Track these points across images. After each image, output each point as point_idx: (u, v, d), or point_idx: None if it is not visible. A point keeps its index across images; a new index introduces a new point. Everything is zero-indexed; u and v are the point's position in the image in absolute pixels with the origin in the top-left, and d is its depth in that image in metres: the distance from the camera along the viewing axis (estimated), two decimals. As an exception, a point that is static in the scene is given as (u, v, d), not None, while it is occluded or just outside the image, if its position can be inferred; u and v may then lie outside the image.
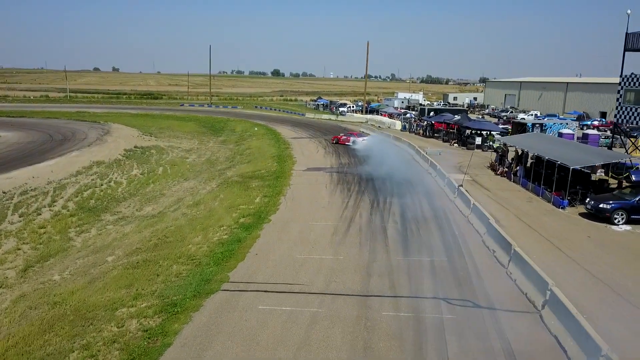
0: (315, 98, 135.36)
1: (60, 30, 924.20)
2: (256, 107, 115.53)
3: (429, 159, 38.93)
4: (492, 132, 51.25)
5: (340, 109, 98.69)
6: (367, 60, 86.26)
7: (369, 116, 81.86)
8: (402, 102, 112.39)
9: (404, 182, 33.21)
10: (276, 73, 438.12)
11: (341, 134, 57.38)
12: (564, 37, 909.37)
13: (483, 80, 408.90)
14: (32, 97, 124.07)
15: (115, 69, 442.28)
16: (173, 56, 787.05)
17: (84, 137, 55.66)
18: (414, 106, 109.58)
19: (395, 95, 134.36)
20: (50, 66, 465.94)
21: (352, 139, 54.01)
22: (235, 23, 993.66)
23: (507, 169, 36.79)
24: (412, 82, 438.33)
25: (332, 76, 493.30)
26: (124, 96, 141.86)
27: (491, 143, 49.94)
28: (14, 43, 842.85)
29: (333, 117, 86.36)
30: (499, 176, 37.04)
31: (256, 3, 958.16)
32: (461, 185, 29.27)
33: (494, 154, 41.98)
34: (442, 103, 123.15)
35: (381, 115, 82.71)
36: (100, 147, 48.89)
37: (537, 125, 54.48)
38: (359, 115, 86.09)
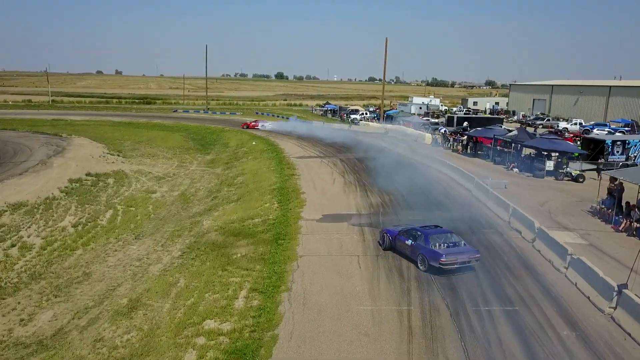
0: (322, 103, 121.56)
1: (65, 34, 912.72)
2: (257, 113, 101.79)
3: (510, 206, 24.90)
4: (566, 153, 37.29)
5: (352, 117, 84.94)
6: (385, 61, 72.57)
7: (388, 126, 67.96)
8: (420, 107, 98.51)
9: (495, 259, 19.46)
10: (280, 76, 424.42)
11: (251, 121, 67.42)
12: (572, 40, 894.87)
13: (489, 83, 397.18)
14: (10, 102, 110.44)
15: (118, 72, 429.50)
16: (177, 59, 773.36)
17: (24, 159, 41.83)
18: (433, 112, 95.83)
19: (409, 100, 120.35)
20: (53, 69, 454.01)
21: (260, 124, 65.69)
22: (239, 25, 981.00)
23: (638, 224, 22.89)
24: (418, 84, 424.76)
25: (335, 79, 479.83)
26: (115, 100, 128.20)
27: (568, 169, 36.15)
28: (18, 46, 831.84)
29: (345, 126, 72.46)
30: (624, 234, 23.23)
31: (259, 5, 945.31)
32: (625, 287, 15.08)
33: (588, 188, 28.07)
34: (462, 109, 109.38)
35: (402, 125, 68.82)
36: (36, 176, 35.03)
37: (619, 142, 40.55)
38: (375, 124, 72.15)
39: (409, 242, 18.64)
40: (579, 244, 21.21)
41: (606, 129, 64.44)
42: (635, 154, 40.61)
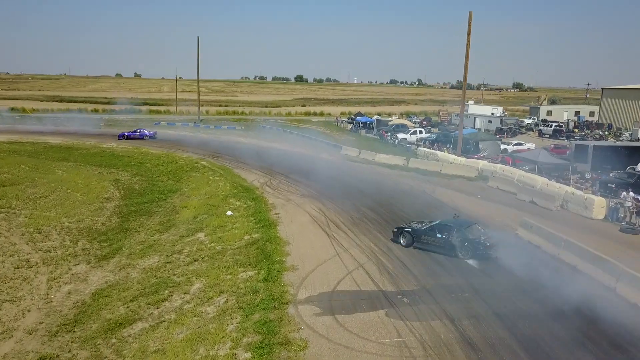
0: (351, 113, 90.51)
1: (87, 37, 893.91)
2: (264, 127, 71.35)
3: None
4: None
5: (400, 136, 53.75)
6: (466, 62, 41.03)
7: (483, 164, 36.45)
8: (490, 121, 66.87)
9: None
10: (299, 79, 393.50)
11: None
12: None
13: (517, 86, 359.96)
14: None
15: (137, 75, 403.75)
16: (195, 61, 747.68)
17: None
18: (509, 127, 64.09)
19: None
20: (75, 72, 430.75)
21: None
22: (259, 28, 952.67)
23: None
24: (442, 87, 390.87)
25: (356, 81, 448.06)
26: (100, 109, 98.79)
27: None
28: (40, 50, 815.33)
29: (397, 159, 41.32)
30: None
31: (280, 8, 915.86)
32: None
33: None
34: (533, 119, 77.43)
35: (496, 158, 37.46)
36: None
37: None
38: (452, 156, 40.52)
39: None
40: None
41: None
42: None
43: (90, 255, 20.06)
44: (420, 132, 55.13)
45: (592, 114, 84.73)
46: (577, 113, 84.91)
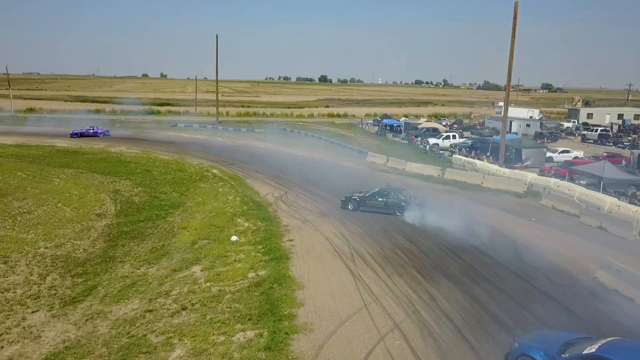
0: (376, 116, 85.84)
1: (116, 38, 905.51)
2: (284, 129, 67.23)
3: None
4: None
5: (431, 141, 48.85)
6: (511, 60, 35.94)
7: (532, 176, 31.25)
8: (528, 125, 61.42)
9: None
10: (323, 79, 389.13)
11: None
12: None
13: (546, 87, 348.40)
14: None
15: (163, 75, 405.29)
16: (220, 62, 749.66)
17: None
18: (550, 132, 58.58)
19: (494, 109, 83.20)
20: (102, 73, 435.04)
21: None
22: (284, 28, 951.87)
23: None
24: (468, 88, 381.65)
25: (380, 82, 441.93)
26: (119, 110, 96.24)
27: None
28: (71, 51, 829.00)
29: (430, 168, 36.57)
30: None
31: (305, 8, 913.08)
32: None
33: None
34: (573, 122, 71.52)
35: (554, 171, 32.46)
36: None
37: None
38: (493, 166, 35.48)
39: None
40: None
41: None
42: None
43: (57, 296, 16.01)
44: (454, 136, 50.10)
45: (637, 116, 78.28)
46: (620, 116, 78.45)
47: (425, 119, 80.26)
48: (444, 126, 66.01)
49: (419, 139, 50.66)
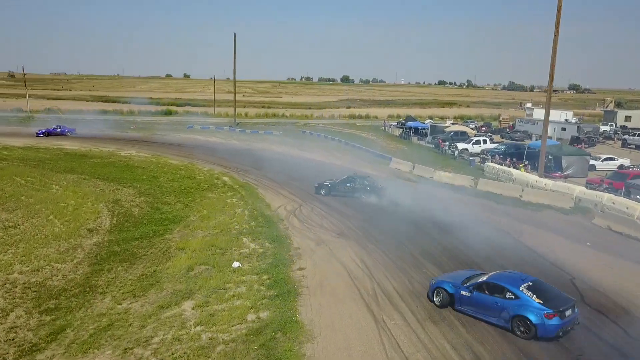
0: (400, 117, 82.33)
1: (141, 39, 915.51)
2: (303, 132, 64.22)
3: None
4: None
5: (460, 146, 45.14)
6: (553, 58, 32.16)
7: (581, 190, 27.34)
8: (564, 129, 57.20)
9: None
10: (345, 79, 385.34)
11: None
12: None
13: (573, 88, 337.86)
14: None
15: (186, 76, 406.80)
16: (243, 62, 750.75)
17: None
18: (587, 136, 54.25)
19: (525, 111, 78.80)
20: (127, 73, 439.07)
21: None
22: (306, 28, 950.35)
23: None
24: (492, 88, 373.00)
25: (403, 82, 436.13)
26: (136, 111, 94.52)
27: None
28: (97, 51, 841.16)
29: (463, 178, 32.95)
30: None
31: (327, 8, 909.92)
32: None
33: None
34: (611, 126, 66.82)
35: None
36: None
37: None
38: (540, 180, 31.57)
39: None
40: None
41: None
42: None
43: (14, 343, 13.14)
44: (485, 141, 46.29)
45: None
46: (661, 119, 73.12)
47: (452, 122, 76.30)
48: (472, 129, 62.11)
49: (447, 143, 46.99)
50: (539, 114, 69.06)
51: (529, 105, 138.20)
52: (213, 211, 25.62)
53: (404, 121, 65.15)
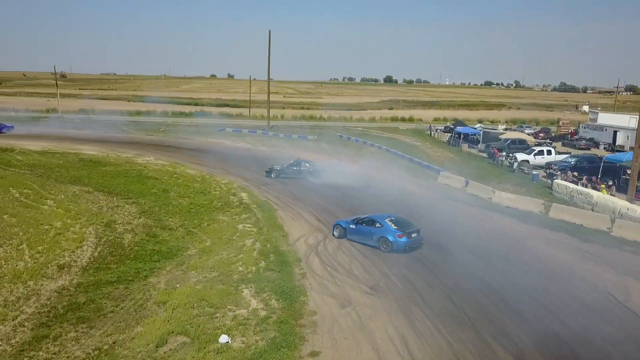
0: (447, 121, 75.74)
1: (187, 40, 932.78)
2: (340, 136, 58.79)
3: None
4: None
5: (519, 157, 38.53)
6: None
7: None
8: None
9: None
10: (388, 80, 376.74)
11: None
12: None
13: (630, 89, 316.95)
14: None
15: (230, 76, 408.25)
16: (286, 63, 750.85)
17: None
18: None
19: (587, 115, 70.60)
20: (173, 73, 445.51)
21: None
22: (349, 28, 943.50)
23: None
24: (542, 89, 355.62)
25: (447, 83, 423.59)
26: (170, 112, 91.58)
27: None
28: (146, 52, 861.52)
29: (531, 203, 26.59)
30: None
31: (371, 7, 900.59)
32: None
33: None
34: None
35: None
36: None
37: None
38: (634, 207, 24.89)
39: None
40: None
41: None
42: None
43: None
44: (549, 152, 39.46)
45: None
46: None
47: (504, 126, 69.01)
48: (529, 135, 54.95)
49: (503, 153, 40.41)
50: (605, 118, 60.89)
51: (585, 108, 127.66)
52: (218, 242, 20.58)
53: (452, 125, 58.66)
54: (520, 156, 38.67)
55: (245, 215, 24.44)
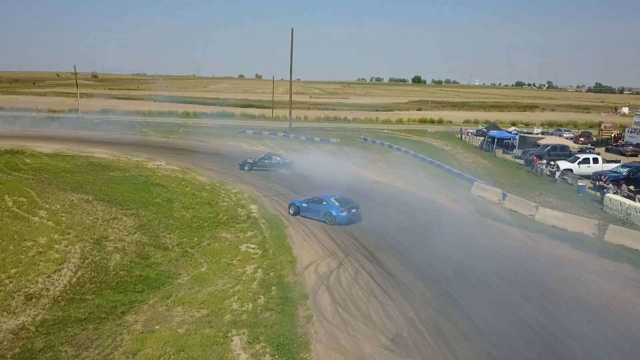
0: (478, 124, 71.71)
1: (214, 41, 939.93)
2: (365, 139, 55.48)
3: None
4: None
5: (562, 165, 34.51)
6: None
7: None
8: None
9: None
10: (417, 80, 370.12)
11: None
12: None
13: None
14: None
15: (258, 76, 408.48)
16: (314, 62, 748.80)
17: None
18: None
19: (628, 117, 65.42)
20: (202, 74, 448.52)
21: None
22: (377, 28, 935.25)
23: None
24: (576, 90, 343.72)
25: (477, 83, 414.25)
26: (191, 112, 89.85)
27: None
28: (176, 52, 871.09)
29: (581, 223, 22.91)
30: None
31: (399, 8, 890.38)
32: None
33: None
34: None
35: None
36: None
37: None
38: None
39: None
40: None
41: None
42: None
43: None
44: (595, 160, 35.33)
45: None
46: None
47: (540, 129, 64.44)
48: (568, 140, 50.52)
49: (544, 161, 36.43)
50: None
51: (625, 109, 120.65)
52: (215, 267, 17.71)
53: (484, 129, 54.64)
54: (563, 164, 34.69)
55: (251, 233, 21.51)
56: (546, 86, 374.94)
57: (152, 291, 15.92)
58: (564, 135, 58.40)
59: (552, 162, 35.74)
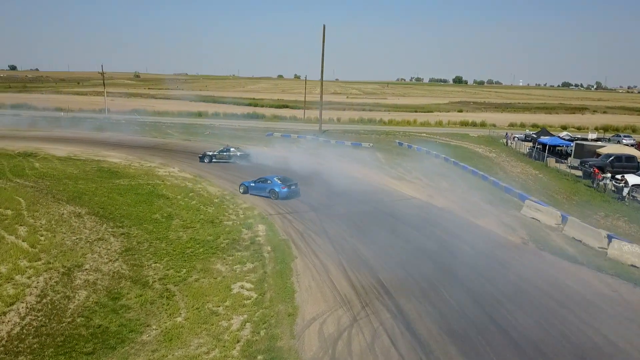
0: (525, 127, 65.78)
1: (252, 42, 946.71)
2: (400, 144, 50.79)
3: None
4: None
5: (630, 179, 28.97)
6: None
7: None
8: None
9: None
10: (458, 80, 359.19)
11: None
12: None
13: None
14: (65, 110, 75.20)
15: (296, 76, 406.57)
16: (353, 62, 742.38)
17: None
18: None
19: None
20: (242, 74, 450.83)
21: None
22: (418, 28, 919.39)
23: None
24: (628, 92, 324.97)
25: (521, 84, 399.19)
26: (222, 113, 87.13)
27: None
28: (218, 52, 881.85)
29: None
30: None
31: (439, 6, 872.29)
32: None
33: None
34: None
35: None
36: None
37: None
38: None
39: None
40: None
41: None
42: None
43: None
44: (674, 175, 29.51)
45: None
46: None
47: (595, 135, 57.97)
48: (630, 147, 44.25)
49: (608, 175, 30.92)
50: None
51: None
52: (195, 317, 13.82)
53: (534, 134, 48.97)
54: (633, 179, 29.15)
55: (250, 266, 17.54)
56: (595, 87, 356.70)
57: (103, 353, 12.14)
58: (624, 141, 52.01)
59: (617, 176, 30.24)
